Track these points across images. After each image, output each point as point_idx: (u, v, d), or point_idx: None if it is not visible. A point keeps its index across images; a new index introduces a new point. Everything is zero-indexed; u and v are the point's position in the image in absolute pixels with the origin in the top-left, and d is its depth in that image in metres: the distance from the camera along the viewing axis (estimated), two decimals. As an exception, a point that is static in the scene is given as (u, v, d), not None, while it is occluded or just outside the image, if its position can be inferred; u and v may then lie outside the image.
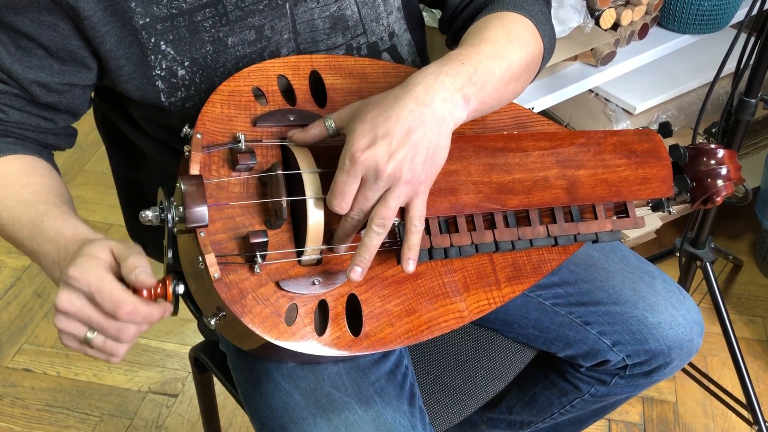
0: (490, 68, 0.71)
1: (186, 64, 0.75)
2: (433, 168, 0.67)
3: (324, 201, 0.69)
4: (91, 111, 0.94)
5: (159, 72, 0.75)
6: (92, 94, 0.84)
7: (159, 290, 0.63)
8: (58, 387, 1.59)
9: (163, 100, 0.77)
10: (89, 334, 0.61)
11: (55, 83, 0.74)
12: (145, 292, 0.62)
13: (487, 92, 0.71)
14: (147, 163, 0.91)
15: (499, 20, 0.78)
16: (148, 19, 0.72)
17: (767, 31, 1.13)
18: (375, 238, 0.66)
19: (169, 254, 0.66)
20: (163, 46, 0.74)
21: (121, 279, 0.62)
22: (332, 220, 0.71)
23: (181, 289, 0.64)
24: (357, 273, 0.66)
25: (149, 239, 0.94)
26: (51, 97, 0.76)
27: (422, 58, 0.94)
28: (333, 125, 0.70)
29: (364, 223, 0.68)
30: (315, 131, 0.71)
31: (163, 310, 0.63)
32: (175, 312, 0.65)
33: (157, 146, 0.85)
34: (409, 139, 0.64)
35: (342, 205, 0.66)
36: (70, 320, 0.61)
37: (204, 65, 0.76)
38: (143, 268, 0.61)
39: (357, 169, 0.64)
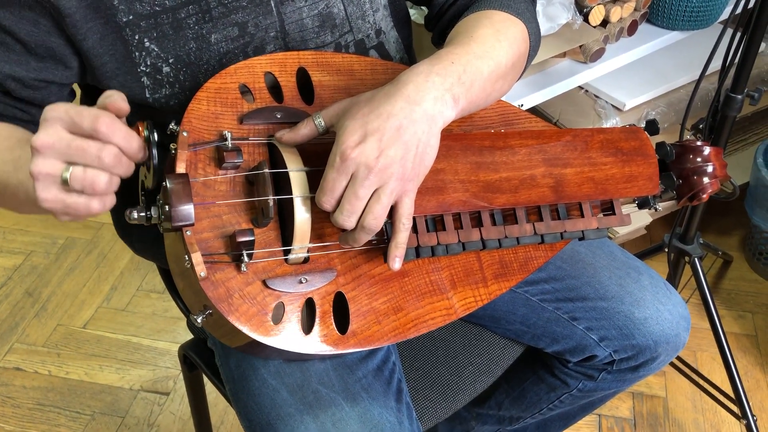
0: (479, 68, 0.71)
1: (170, 61, 0.75)
2: (422, 167, 0.67)
3: (311, 200, 0.69)
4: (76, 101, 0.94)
5: (144, 69, 0.75)
6: (77, 92, 0.84)
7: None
8: (49, 386, 1.59)
9: (147, 96, 0.77)
10: (66, 173, 0.58)
11: (31, 79, 0.74)
12: None
13: (475, 92, 0.71)
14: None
15: (488, 19, 0.78)
16: (131, 17, 0.72)
17: (753, 27, 1.13)
18: (365, 237, 0.67)
19: (154, 160, 0.64)
20: (147, 43, 0.74)
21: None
22: (319, 218, 0.72)
23: (155, 136, 0.62)
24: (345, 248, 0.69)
25: (137, 237, 0.94)
26: (26, 92, 0.75)
27: (409, 55, 0.94)
28: (323, 123, 0.70)
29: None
30: (304, 130, 0.70)
31: (138, 142, 0.61)
32: (154, 166, 0.63)
33: None
34: (400, 136, 0.64)
35: (331, 201, 0.65)
36: (47, 158, 0.58)
37: (188, 62, 0.76)
38: (118, 95, 0.60)
39: (347, 165, 0.64)
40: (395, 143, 0.64)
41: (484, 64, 0.72)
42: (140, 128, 0.63)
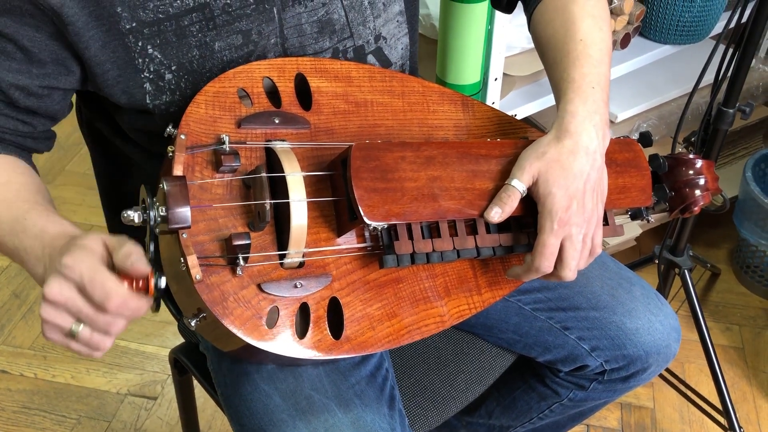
0: (605, 73, 0.79)
1: (173, 68, 0.75)
2: (603, 197, 0.77)
3: (308, 204, 0.69)
4: (73, 111, 0.93)
5: (147, 75, 0.75)
6: (74, 99, 0.83)
7: (141, 284, 0.61)
8: (35, 389, 1.58)
9: (148, 102, 0.76)
10: (75, 327, 0.60)
11: (35, 86, 0.73)
12: (125, 284, 0.61)
13: (607, 90, 0.79)
14: (130, 166, 0.90)
15: (575, 4, 0.81)
16: (134, 24, 0.72)
17: (745, 43, 1.15)
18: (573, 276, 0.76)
19: (151, 248, 0.66)
20: (150, 50, 0.73)
21: (112, 271, 0.61)
22: (315, 223, 0.72)
23: (163, 282, 0.63)
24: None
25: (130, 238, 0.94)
26: (30, 101, 0.74)
27: (411, 62, 0.94)
28: (524, 187, 0.74)
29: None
30: (512, 202, 0.74)
31: (148, 304, 0.62)
32: (156, 308, 0.65)
33: (141, 152, 0.84)
34: (591, 187, 0.74)
35: (552, 263, 0.74)
36: (57, 310, 0.60)
37: (190, 70, 0.76)
38: (139, 256, 0.61)
39: (564, 229, 0.73)
40: (590, 195, 0.74)
41: (605, 66, 0.79)
42: (149, 277, 0.62)
